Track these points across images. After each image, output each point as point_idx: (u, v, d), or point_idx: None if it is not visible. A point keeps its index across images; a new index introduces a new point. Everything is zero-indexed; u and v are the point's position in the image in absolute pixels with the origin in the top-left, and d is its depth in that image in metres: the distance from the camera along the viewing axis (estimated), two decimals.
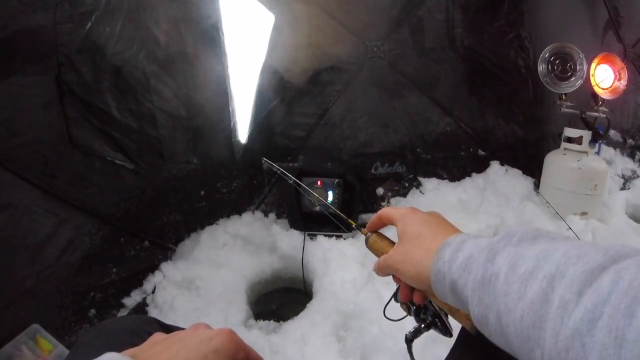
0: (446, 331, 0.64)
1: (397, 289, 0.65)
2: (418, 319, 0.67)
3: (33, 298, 1.40)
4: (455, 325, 0.60)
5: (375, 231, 0.71)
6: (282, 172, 0.91)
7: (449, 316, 0.62)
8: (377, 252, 0.69)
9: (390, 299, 0.70)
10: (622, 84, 2.11)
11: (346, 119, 2.04)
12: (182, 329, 0.46)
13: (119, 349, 0.39)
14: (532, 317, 0.37)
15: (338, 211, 0.82)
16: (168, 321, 0.68)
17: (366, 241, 0.71)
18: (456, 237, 0.52)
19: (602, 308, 0.32)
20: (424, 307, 0.65)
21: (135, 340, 0.46)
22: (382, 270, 0.62)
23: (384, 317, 0.75)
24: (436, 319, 0.64)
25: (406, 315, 0.70)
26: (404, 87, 2.11)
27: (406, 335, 0.69)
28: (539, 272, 0.38)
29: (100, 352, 0.37)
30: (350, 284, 1.60)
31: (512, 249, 0.43)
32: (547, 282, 0.37)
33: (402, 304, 0.68)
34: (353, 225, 0.78)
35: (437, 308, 0.63)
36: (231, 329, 0.42)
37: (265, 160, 0.96)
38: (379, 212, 0.67)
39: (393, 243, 0.67)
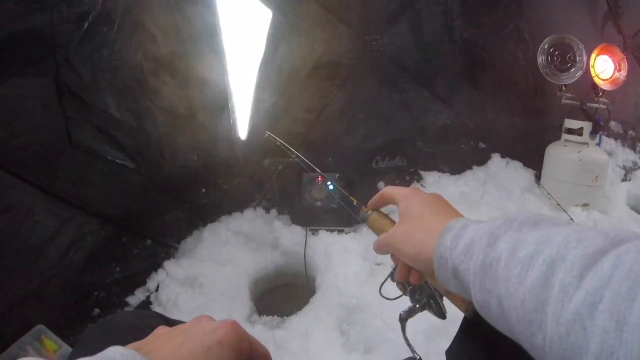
0: (440, 313, 0.64)
1: (394, 268, 0.65)
2: (413, 298, 0.66)
3: (37, 299, 1.41)
4: (459, 315, 0.60)
5: (376, 209, 0.71)
6: (285, 146, 0.91)
7: (444, 298, 0.62)
8: (377, 230, 0.68)
9: (387, 278, 0.70)
10: (622, 74, 2.10)
11: (346, 113, 2.04)
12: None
13: (122, 343, 0.39)
14: (533, 301, 0.37)
15: (341, 189, 0.81)
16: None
17: (367, 219, 0.71)
18: (457, 222, 0.51)
19: (603, 292, 0.32)
20: (420, 287, 0.65)
21: (138, 334, 0.45)
22: (381, 249, 0.62)
23: (380, 295, 0.75)
24: (431, 300, 0.64)
25: (401, 295, 0.69)
26: (403, 81, 2.10)
27: (400, 314, 0.69)
28: (539, 256, 0.38)
29: (103, 347, 0.37)
30: (352, 278, 1.60)
31: (513, 233, 0.43)
32: (548, 265, 0.37)
33: (398, 283, 0.67)
34: (354, 202, 0.77)
35: (432, 289, 0.63)
36: (235, 320, 0.42)
37: (269, 134, 0.95)
38: (382, 190, 0.67)
39: (393, 222, 0.67)
